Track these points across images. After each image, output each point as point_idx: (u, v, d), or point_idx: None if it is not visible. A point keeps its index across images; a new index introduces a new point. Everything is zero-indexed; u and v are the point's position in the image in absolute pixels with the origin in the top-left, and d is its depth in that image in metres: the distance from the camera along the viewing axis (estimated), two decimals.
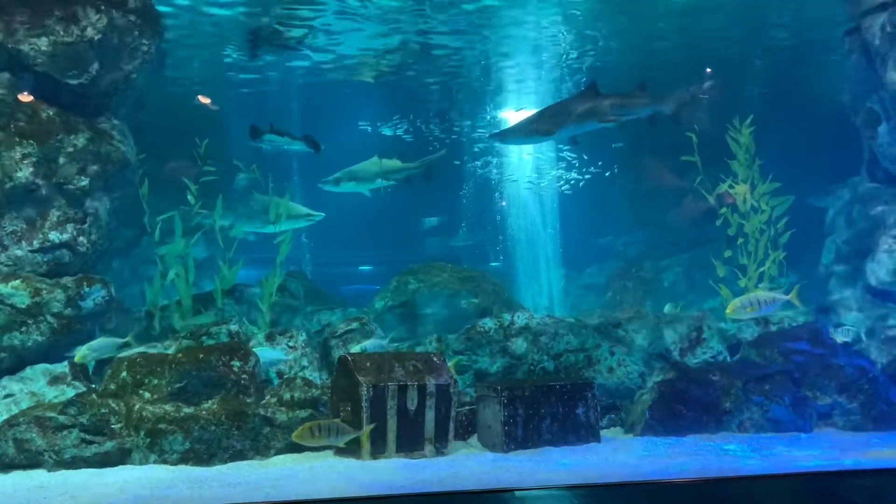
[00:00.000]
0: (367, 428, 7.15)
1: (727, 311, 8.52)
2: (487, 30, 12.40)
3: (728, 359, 9.50)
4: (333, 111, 16.11)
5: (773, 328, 9.93)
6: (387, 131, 17.58)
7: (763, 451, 7.64)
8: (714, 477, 6.56)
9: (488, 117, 16.80)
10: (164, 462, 7.32)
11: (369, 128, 17.58)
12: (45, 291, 8.52)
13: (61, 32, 8.90)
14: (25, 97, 8.97)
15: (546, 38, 12.91)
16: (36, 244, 8.82)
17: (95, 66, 9.19)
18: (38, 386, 8.14)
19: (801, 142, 13.44)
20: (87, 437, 7.31)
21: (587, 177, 17.54)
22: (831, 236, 11.74)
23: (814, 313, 10.46)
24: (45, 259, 8.87)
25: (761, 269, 11.07)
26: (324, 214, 11.64)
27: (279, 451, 7.72)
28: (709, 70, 13.36)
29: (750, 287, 11.09)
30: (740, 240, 11.22)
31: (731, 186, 11.32)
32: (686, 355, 9.47)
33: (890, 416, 8.50)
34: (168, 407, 7.54)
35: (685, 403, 8.52)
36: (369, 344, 8.29)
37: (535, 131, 10.23)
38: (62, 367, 8.30)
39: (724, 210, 11.32)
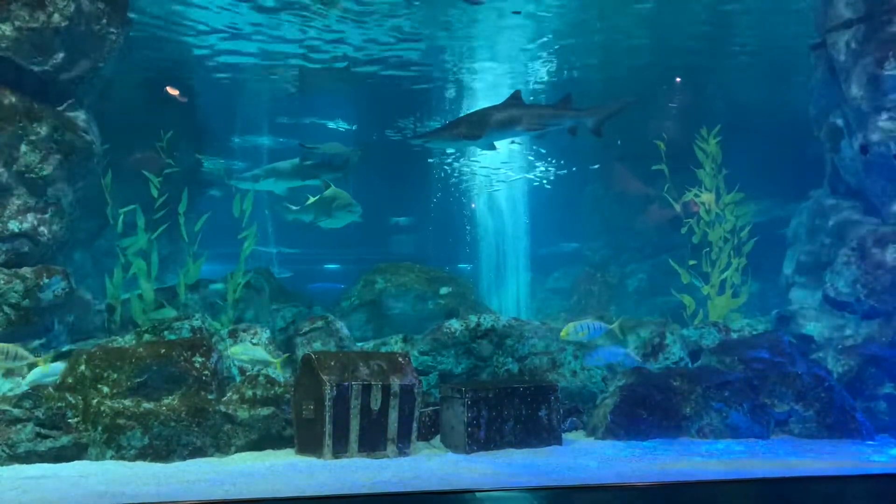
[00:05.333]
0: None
1: (562, 333, 8.52)
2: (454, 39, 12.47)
3: (689, 365, 9.63)
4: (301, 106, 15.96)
5: (734, 336, 10.09)
6: (342, 126, 17.37)
7: (722, 456, 7.76)
8: (673, 481, 6.64)
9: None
10: (122, 458, 7.20)
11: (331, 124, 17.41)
12: (2, 281, 8.33)
13: (26, 17, 8.71)
14: None
15: (515, 48, 13.05)
16: None
17: (61, 53, 9.01)
18: None
19: (765, 152, 13.68)
20: (43, 431, 7.16)
21: (536, 182, 17.47)
22: (793, 247, 11.96)
23: (774, 322, 10.64)
24: (4, 248, 8.66)
25: (723, 277, 11.26)
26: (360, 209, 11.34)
27: (240, 449, 7.64)
28: (678, 79, 13.58)
29: (712, 294, 11.28)
30: (705, 249, 11.40)
31: (696, 195, 11.51)
32: (648, 360, 9.58)
33: (844, 424, 8.68)
34: (127, 402, 7.41)
35: (646, 408, 8.62)
36: None
37: (460, 135, 10.38)
38: None
39: (688, 220, 11.52)
